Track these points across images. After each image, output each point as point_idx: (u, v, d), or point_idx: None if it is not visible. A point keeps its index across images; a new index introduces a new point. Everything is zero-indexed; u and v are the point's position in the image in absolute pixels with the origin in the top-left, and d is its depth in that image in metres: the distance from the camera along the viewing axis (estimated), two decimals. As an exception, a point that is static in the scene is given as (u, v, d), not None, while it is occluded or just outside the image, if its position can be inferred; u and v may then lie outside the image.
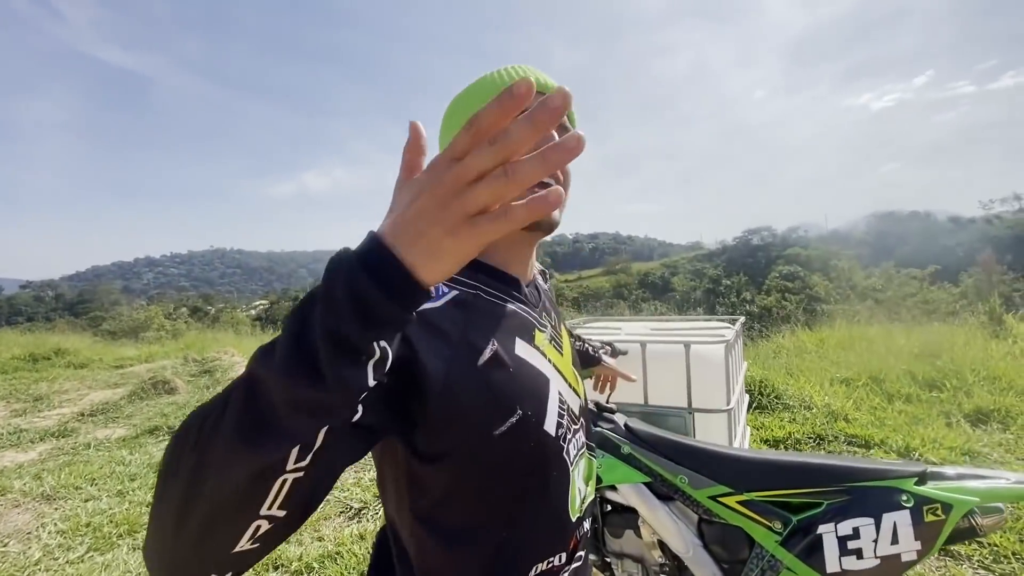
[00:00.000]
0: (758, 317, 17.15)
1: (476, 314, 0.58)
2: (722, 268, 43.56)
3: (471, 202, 0.32)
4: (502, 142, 0.31)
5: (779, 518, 1.20)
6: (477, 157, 0.32)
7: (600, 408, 1.54)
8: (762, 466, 1.26)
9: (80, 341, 11.02)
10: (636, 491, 1.36)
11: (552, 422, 0.60)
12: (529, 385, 0.59)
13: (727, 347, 1.86)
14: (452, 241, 0.33)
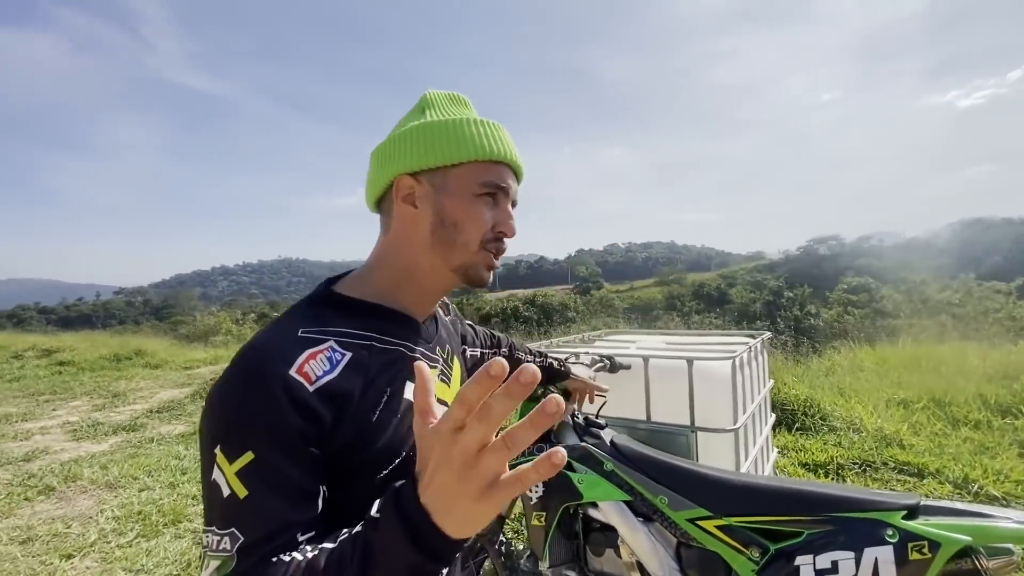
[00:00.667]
0: (821, 332, 16.12)
1: (371, 369, 0.61)
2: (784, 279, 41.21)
3: (484, 474, 0.38)
4: (488, 417, 0.37)
5: (757, 546, 1.14)
6: (474, 432, 0.38)
7: (588, 423, 1.53)
8: (744, 490, 1.21)
9: (158, 344, 12.03)
10: (616, 509, 1.34)
11: None
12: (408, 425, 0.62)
13: (734, 364, 1.79)
14: (478, 507, 0.39)
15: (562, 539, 1.41)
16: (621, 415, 1.94)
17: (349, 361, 0.59)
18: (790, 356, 7.04)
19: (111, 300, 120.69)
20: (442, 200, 0.65)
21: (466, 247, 0.66)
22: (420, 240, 0.66)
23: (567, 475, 1.39)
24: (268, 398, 0.52)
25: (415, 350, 0.68)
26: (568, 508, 1.41)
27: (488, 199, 0.67)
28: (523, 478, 0.38)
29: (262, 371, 0.53)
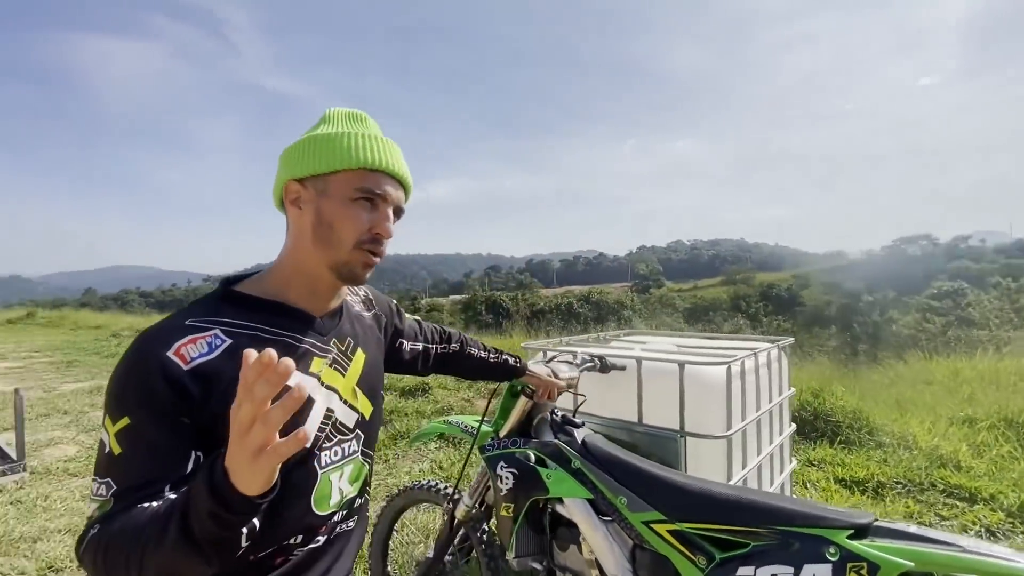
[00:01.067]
0: (897, 340, 14.81)
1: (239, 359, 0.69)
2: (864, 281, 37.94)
3: (253, 443, 0.48)
4: (254, 398, 0.47)
5: (704, 554, 1.13)
6: (246, 410, 0.48)
7: (564, 420, 1.56)
8: (699, 496, 1.20)
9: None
10: (579, 506, 1.36)
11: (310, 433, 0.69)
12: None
13: (729, 370, 1.74)
14: (253, 467, 0.49)
15: (529, 531, 1.46)
16: (616, 416, 1.94)
17: (228, 346, 0.69)
18: (848, 364, 6.57)
19: (200, 286, 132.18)
20: (322, 203, 0.74)
21: (341, 245, 0.74)
22: (305, 240, 0.75)
23: (537, 470, 1.43)
24: (144, 375, 0.63)
25: (303, 341, 0.76)
26: (537, 502, 1.45)
27: (365, 203, 0.74)
28: (279, 449, 0.48)
29: (144, 352, 0.65)
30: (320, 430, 0.75)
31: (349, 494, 0.82)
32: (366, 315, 0.95)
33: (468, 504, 1.69)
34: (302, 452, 0.70)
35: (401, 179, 0.78)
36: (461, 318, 34.75)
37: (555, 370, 1.57)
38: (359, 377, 0.85)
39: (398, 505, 1.98)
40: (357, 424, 0.82)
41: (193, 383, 0.64)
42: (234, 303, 0.74)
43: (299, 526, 0.74)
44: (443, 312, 41.22)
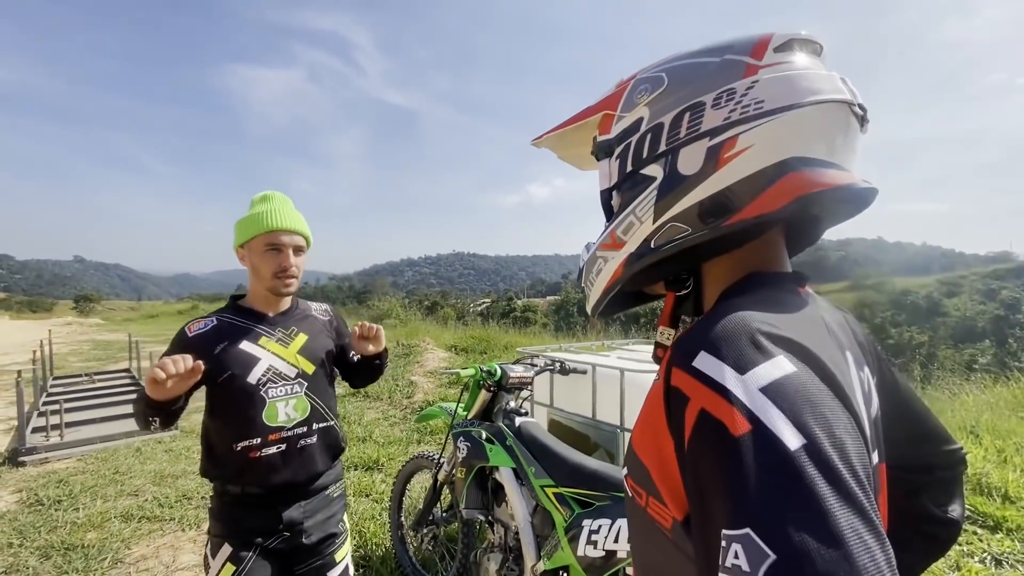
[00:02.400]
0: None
1: (222, 332, 1.31)
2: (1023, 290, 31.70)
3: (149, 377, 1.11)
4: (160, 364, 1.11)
5: (569, 509, 1.51)
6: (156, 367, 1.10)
7: (512, 410, 1.99)
8: (574, 468, 1.58)
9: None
10: (506, 474, 1.79)
11: (254, 377, 1.29)
12: (240, 360, 1.29)
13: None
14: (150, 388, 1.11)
15: (476, 490, 1.91)
16: (577, 411, 2.32)
17: (213, 326, 1.32)
18: (945, 385, 5.97)
19: (327, 284, 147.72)
20: (251, 256, 1.34)
21: (264, 279, 1.35)
22: (251, 276, 1.37)
23: (484, 444, 1.88)
24: (179, 335, 1.29)
25: (256, 327, 1.36)
26: (483, 468, 1.90)
27: (273, 251, 1.32)
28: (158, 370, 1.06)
29: (181, 329, 1.31)
30: (264, 375, 1.33)
31: (296, 417, 1.36)
32: (322, 318, 1.52)
33: (447, 470, 2.19)
34: (251, 388, 1.29)
35: (292, 230, 1.34)
36: (553, 319, 35.17)
37: (511, 371, 2.00)
38: (300, 348, 1.41)
39: (408, 470, 2.53)
40: (298, 375, 1.38)
41: (193, 343, 1.28)
42: (233, 306, 1.40)
43: (255, 431, 1.30)
44: (537, 313, 42.01)
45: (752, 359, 0.38)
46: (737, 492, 0.34)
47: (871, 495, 0.34)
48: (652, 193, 0.50)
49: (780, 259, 0.54)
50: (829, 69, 0.49)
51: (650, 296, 0.65)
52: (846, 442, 0.35)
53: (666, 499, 0.43)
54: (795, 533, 0.31)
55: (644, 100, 0.52)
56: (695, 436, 0.38)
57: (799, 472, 0.33)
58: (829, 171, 0.45)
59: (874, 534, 0.32)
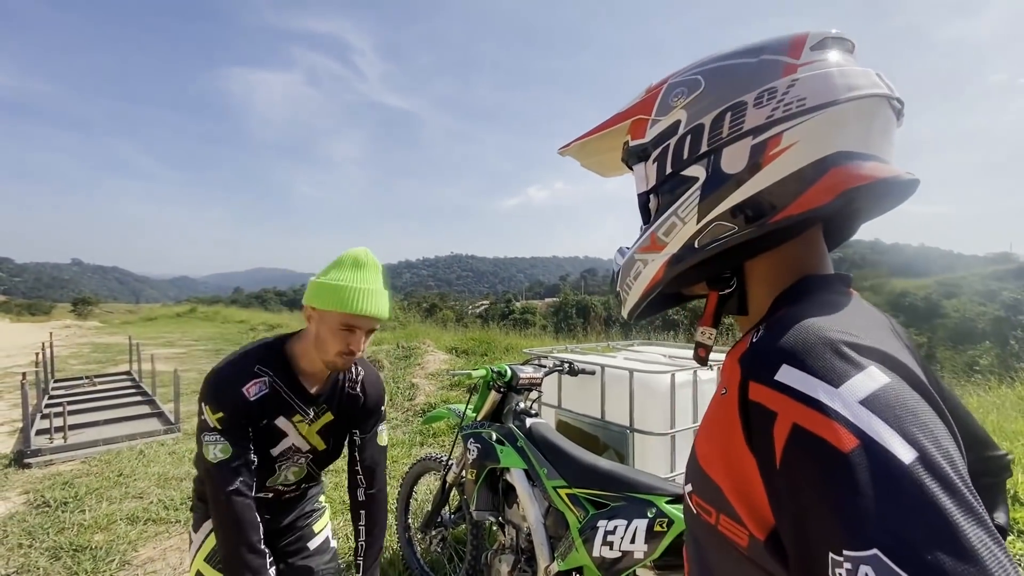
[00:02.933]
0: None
1: (270, 403, 1.27)
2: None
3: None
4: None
5: (583, 510, 1.52)
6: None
7: (522, 411, 1.99)
8: (587, 469, 1.58)
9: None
10: (518, 474, 1.79)
11: (276, 452, 1.31)
12: (272, 435, 1.29)
13: (673, 377, 2.05)
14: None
15: (487, 492, 1.91)
16: (587, 412, 2.33)
17: (266, 395, 1.27)
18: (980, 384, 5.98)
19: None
20: (321, 326, 1.25)
21: (327, 353, 1.26)
22: (312, 338, 1.28)
23: (494, 446, 1.89)
24: (232, 396, 1.22)
25: (296, 403, 1.33)
26: (493, 470, 1.90)
27: (346, 331, 1.23)
28: None
29: (232, 382, 1.23)
30: (285, 451, 1.35)
31: (292, 480, 1.42)
32: (351, 393, 1.46)
33: (456, 471, 2.19)
34: (269, 459, 1.31)
35: (376, 317, 1.25)
36: (552, 320, 35.13)
37: (520, 372, 2.01)
38: (320, 427, 1.40)
39: (416, 472, 2.53)
40: (309, 450, 1.40)
41: (250, 407, 1.23)
42: (281, 362, 1.31)
43: (256, 488, 1.28)
44: (536, 315, 41.99)
45: (843, 371, 0.37)
46: (856, 511, 0.33)
47: (982, 504, 0.33)
48: (695, 193, 0.50)
49: (824, 259, 0.55)
50: (862, 65, 0.50)
51: (687, 297, 0.65)
52: (952, 452, 0.35)
53: (744, 517, 0.41)
54: (928, 551, 0.30)
55: (681, 103, 0.53)
56: (790, 454, 0.37)
57: (920, 486, 0.32)
58: (873, 164, 0.46)
59: (1000, 546, 0.32)
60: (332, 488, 3.45)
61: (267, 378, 1.26)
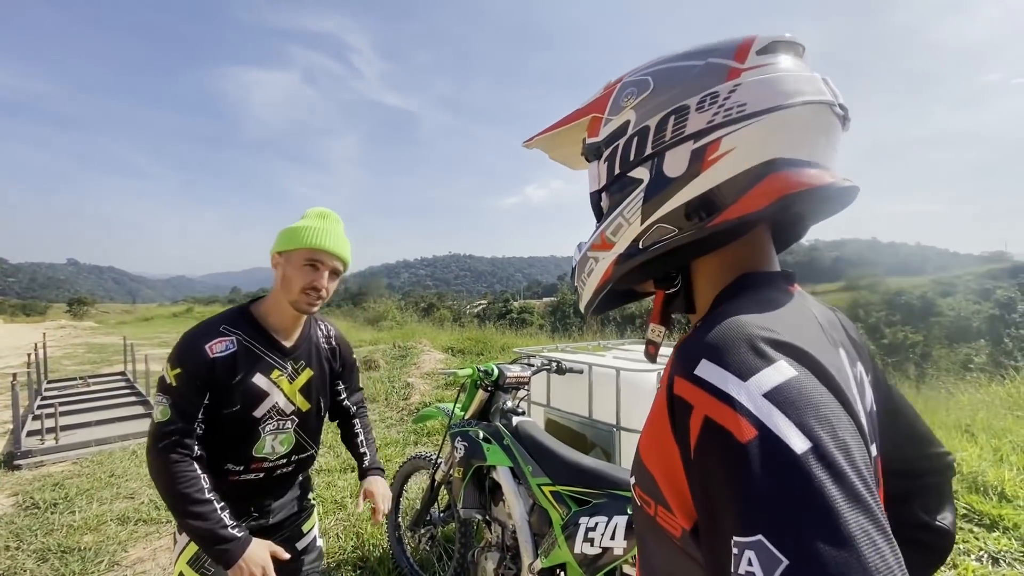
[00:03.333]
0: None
1: (242, 360, 1.26)
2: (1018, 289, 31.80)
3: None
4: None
5: (566, 507, 1.52)
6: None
7: (509, 410, 2.00)
8: (570, 466, 1.59)
9: (342, 324, 14.88)
10: (503, 472, 1.80)
11: (259, 413, 1.28)
12: (252, 394, 1.26)
13: (658, 375, 2.06)
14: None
15: (474, 490, 1.92)
16: (572, 410, 2.33)
17: (234, 351, 1.25)
18: (940, 384, 6.02)
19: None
20: (287, 267, 1.27)
21: (293, 291, 1.27)
22: (278, 285, 1.30)
23: (481, 444, 1.89)
24: (193, 352, 1.21)
25: (272, 357, 1.31)
26: (480, 468, 1.91)
27: (309, 268, 1.26)
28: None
29: (196, 339, 1.23)
30: (268, 412, 1.31)
31: (280, 451, 1.36)
32: (324, 347, 1.47)
33: (444, 470, 2.19)
34: (253, 422, 1.28)
35: (336, 254, 1.29)
36: (550, 320, 35.15)
37: (508, 371, 2.01)
38: (302, 385, 1.38)
39: (406, 471, 2.54)
40: (293, 412, 1.36)
41: (211, 364, 1.22)
42: (249, 320, 1.32)
43: (241, 459, 1.30)
44: (533, 314, 42.01)
45: (754, 365, 0.39)
46: (747, 498, 0.34)
47: (876, 495, 0.35)
48: (639, 195, 0.51)
49: (769, 257, 0.55)
50: (811, 70, 0.50)
51: (640, 294, 0.66)
52: (850, 443, 0.36)
53: (674, 508, 0.43)
54: (807, 537, 0.31)
55: (631, 103, 0.54)
56: (701, 444, 0.38)
57: (808, 475, 0.33)
58: (811, 171, 0.46)
59: (883, 534, 0.32)
60: (324, 488, 3.46)
61: (235, 337, 1.28)
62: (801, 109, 0.47)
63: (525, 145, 0.70)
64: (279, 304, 1.33)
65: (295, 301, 1.29)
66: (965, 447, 3.63)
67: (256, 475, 1.35)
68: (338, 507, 3.21)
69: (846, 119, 0.50)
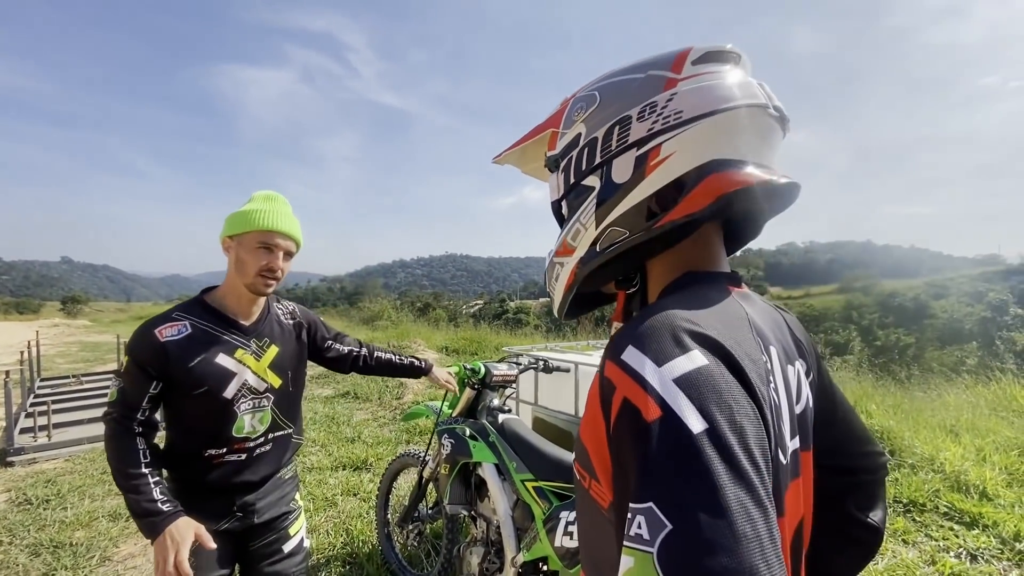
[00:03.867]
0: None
1: (198, 341, 1.29)
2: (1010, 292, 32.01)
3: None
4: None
5: (548, 502, 1.56)
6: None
7: (495, 407, 2.03)
8: (553, 462, 1.62)
9: (337, 324, 14.87)
10: (488, 468, 1.83)
11: (230, 393, 1.30)
12: (217, 375, 1.29)
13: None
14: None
15: (460, 486, 1.95)
16: (559, 409, 2.37)
17: (187, 335, 1.28)
18: (930, 386, 6.09)
19: (317, 286, 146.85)
20: (240, 250, 1.30)
21: (248, 274, 1.30)
22: (233, 270, 1.32)
23: (467, 441, 1.92)
24: (144, 338, 1.25)
25: (232, 337, 1.34)
26: (466, 464, 1.94)
27: (263, 250, 1.30)
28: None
29: (148, 327, 1.26)
30: (239, 390, 1.33)
31: (259, 429, 1.38)
32: (288, 323, 1.51)
33: (432, 467, 2.23)
34: (225, 403, 1.30)
35: (288, 235, 1.33)
36: (546, 320, 35.19)
37: (495, 369, 2.05)
38: (270, 362, 1.40)
39: (395, 468, 2.57)
40: (267, 390, 1.39)
41: (162, 348, 1.24)
42: (203, 306, 1.35)
43: (221, 442, 1.32)
44: (529, 314, 42.02)
45: (670, 353, 0.42)
46: (645, 470, 0.38)
47: (765, 476, 0.38)
48: (592, 201, 0.55)
49: (715, 257, 0.59)
50: (749, 76, 0.54)
51: (608, 297, 0.69)
52: (746, 428, 0.39)
53: (602, 480, 0.46)
54: (688, 506, 0.35)
55: (581, 117, 0.58)
56: (618, 421, 0.42)
57: (698, 452, 0.37)
58: (749, 170, 0.50)
59: (759, 508, 0.36)
60: (315, 485, 3.48)
61: (187, 321, 1.31)
62: (735, 112, 0.50)
63: (495, 161, 0.74)
64: (235, 288, 1.36)
65: (251, 284, 1.32)
66: (949, 447, 3.69)
67: (238, 456, 1.37)
68: (328, 504, 3.23)
69: (783, 119, 0.54)
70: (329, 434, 4.71)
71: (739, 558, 0.33)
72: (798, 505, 0.53)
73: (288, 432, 1.49)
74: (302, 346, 1.54)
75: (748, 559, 0.33)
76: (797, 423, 0.54)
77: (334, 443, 4.47)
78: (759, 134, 0.52)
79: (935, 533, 2.79)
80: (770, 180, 0.50)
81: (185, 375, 1.26)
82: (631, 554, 0.36)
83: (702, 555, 0.33)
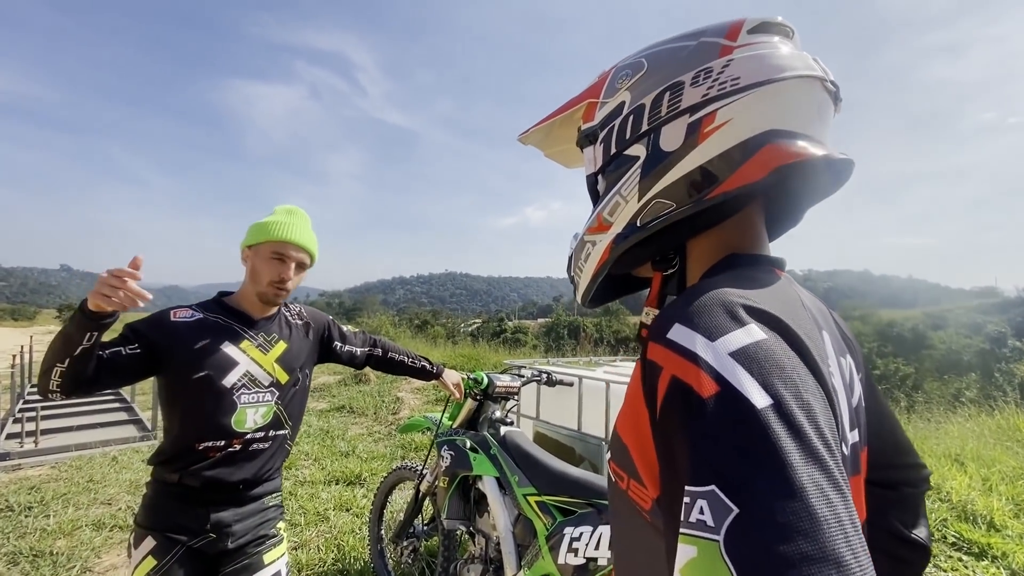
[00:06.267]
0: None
1: (206, 328, 1.30)
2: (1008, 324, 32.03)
3: (98, 288, 1.03)
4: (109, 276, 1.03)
5: (551, 517, 1.50)
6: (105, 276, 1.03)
7: (497, 420, 1.99)
8: (557, 476, 1.57)
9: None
10: (489, 482, 1.78)
11: (230, 381, 1.28)
12: (219, 361, 1.28)
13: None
14: (94, 297, 1.03)
15: (459, 500, 1.89)
16: (561, 423, 2.32)
17: (198, 319, 1.32)
18: (931, 415, 6.03)
19: (316, 300, 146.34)
20: (255, 260, 1.33)
21: (260, 283, 1.33)
22: (248, 278, 1.35)
23: (468, 453, 1.87)
24: (159, 317, 1.27)
25: (239, 328, 1.36)
26: (466, 478, 1.89)
27: (276, 261, 1.32)
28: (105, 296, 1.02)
29: (162, 311, 1.29)
30: (240, 380, 1.32)
31: (261, 423, 1.35)
32: (298, 323, 1.51)
33: (430, 480, 2.16)
34: (224, 391, 1.29)
35: (301, 247, 1.35)
36: (544, 340, 35.05)
37: (497, 380, 2.01)
38: (277, 357, 1.40)
39: (390, 482, 2.50)
40: (272, 384, 1.37)
41: (172, 326, 1.28)
42: (217, 303, 1.39)
43: (222, 434, 1.29)
44: (528, 334, 41.88)
45: (724, 326, 0.38)
46: (703, 450, 0.34)
47: (837, 456, 0.34)
48: (636, 172, 0.52)
49: (759, 239, 0.55)
50: (800, 51, 0.52)
51: (638, 285, 0.66)
52: (813, 405, 0.35)
53: (644, 478, 0.42)
54: (758, 487, 0.31)
55: (626, 84, 0.55)
56: (666, 403, 0.38)
57: (765, 429, 0.33)
58: (805, 142, 0.47)
59: (836, 489, 0.32)
60: (307, 499, 3.39)
61: (198, 310, 1.36)
62: (793, 82, 0.48)
63: (520, 139, 0.71)
64: (248, 296, 1.40)
65: (262, 293, 1.36)
66: (955, 476, 3.62)
67: (233, 447, 1.33)
68: (320, 519, 3.14)
69: (837, 97, 0.51)
70: (323, 447, 4.62)
71: (820, 543, 0.29)
72: (860, 506, 0.48)
73: (286, 433, 1.45)
74: (310, 344, 1.54)
75: (830, 545, 0.29)
76: (855, 415, 0.50)
77: (327, 457, 4.38)
78: (815, 107, 0.49)
79: (944, 564, 2.70)
80: (828, 155, 0.47)
81: (187, 356, 1.27)
82: (692, 543, 0.32)
83: (777, 541, 0.29)
